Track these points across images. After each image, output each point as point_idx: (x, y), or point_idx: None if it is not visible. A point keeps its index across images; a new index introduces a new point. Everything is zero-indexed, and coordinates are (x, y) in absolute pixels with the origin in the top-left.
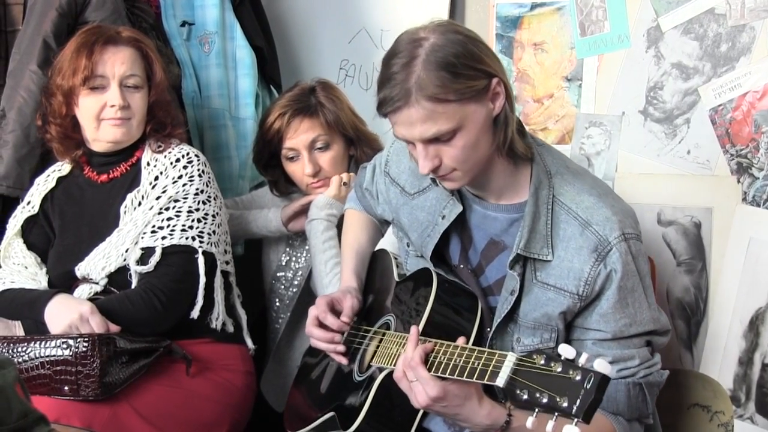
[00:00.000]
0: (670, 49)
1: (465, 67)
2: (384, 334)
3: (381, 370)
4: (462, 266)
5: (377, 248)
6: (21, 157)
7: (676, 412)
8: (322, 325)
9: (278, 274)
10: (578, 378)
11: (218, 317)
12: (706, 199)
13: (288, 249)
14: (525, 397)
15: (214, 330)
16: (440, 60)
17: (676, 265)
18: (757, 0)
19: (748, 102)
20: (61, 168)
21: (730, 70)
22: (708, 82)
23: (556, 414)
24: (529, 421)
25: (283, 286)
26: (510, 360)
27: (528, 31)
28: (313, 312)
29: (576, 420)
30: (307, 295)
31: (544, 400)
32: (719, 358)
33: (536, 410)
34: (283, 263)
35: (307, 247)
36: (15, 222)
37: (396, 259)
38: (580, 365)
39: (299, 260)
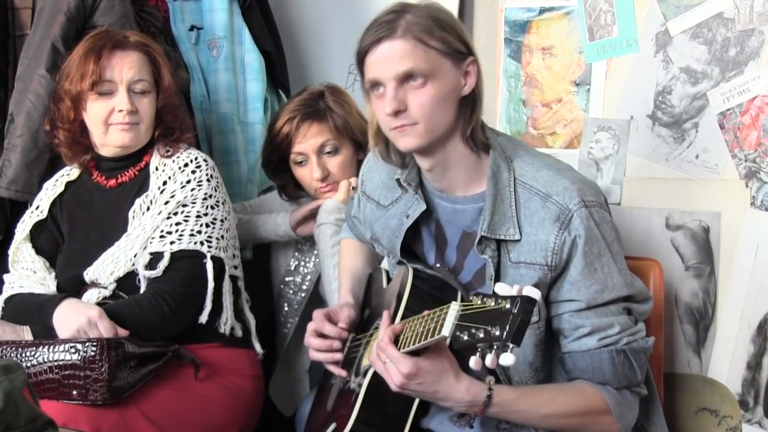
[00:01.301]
0: (679, 54)
1: (450, 28)
2: (372, 336)
3: (369, 368)
4: (439, 265)
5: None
6: (29, 161)
7: (685, 416)
8: (320, 336)
9: (287, 279)
10: (508, 306)
11: (227, 322)
12: (715, 204)
13: (297, 253)
14: (465, 338)
15: (222, 334)
16: (430, 12)
17: (685, 269)
18: (765, 4)
19: (757, 106)
20: (70, 172)
21: (738, 74)
22: (716, 87)
23: (494, 345)
24: (472, 361)
25: (291, 291)
26: (453, 309)
27: (536, 36)
28: (311, 326)
29: (511, 346)
30: (316, 299)
31: (480, 335)
32: (727, 362)
33: (478, 348)
34: (292, 268)
35: (315, 252)
36: (24, 226)
37: (387, 272)
38: (508, 295)
39: (308, 265)
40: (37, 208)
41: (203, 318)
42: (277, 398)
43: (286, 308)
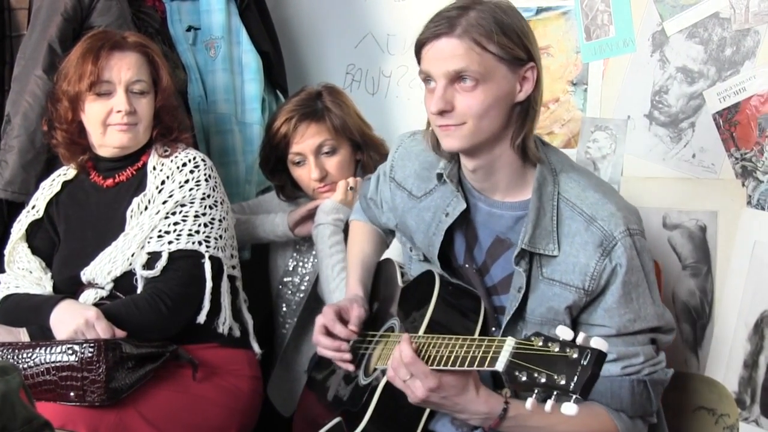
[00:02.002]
0: (675, 53)
1: (514, 33)
2: (389, 337)
3: (384, 372)
4: (467, 266)
5: (383, 258)
6: (26, 162)
7: (682, 415)
8: (329, 333)
9: (285, 279)
10: (575, 356)
11: (225, 322)
12: (712, 203)
13: (295, 254)
14: (524, 378)
15: (220, 335)
16: (496, 16)
17: (682, 268)
18: (761, 4)
19: (753, 106)
20: (67, 172)
21: (734, 74)
22: (713, 86)
23: (555, 392)
24: (529, 402)
25: (290, 291)
26: (509, 344)
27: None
28: (320, 321)
29: (574, 397)
30: (314, 300)
31: (543, 380)
32: (724, 361)
33: (535, 391)
34: (290, 268)
35: (314, 252)
36: (20, 226)
37: (401, 267)
38: (577, 344)
39: (306, 265)
40: (33, 207)
41: (201, 318)
42: (276, 399)
43: (284, 309)
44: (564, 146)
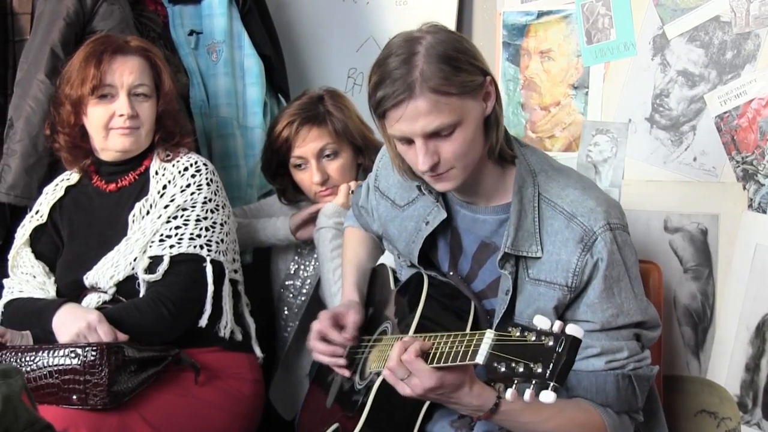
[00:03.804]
0: (676, 57)
1: (465, 62)
2: (381, 341)
3: (379, 374)
4: (452, 273)
5: (377, 263)
6: (29, 166)
7: (684, 418)
8: (325, 339)
9: (287, 283)
10: (551, 343)
11: (227, 325)
12: (713, 206)
13: (296, 257)
14: (503, 369)
15: (222, 338)
16: (441, 54)
17: (683, 271)
18: (761, 8)
19: (754, 109)
20: (70, 177)
21: (735, 77)
22: (714, 90)
23: (534, 381)
24: (509, 393)
25: (291, 295)
26: (489, 337)
27: (535, 39)
28: (316, 326)
29: (551, 384)
30: (316, 303)
31: (520, 369)
32: (726, 364)
33: (515, 381)
34: (292, 272)
35: (315, 256)
36: (23, 231)
37: (394, 272)
38: (552, 332)
39: (308, 269)
40: (37, 212)
41: (203, 322)
42: (278, 402)
43: (286, 312)
44: (565, 150)
